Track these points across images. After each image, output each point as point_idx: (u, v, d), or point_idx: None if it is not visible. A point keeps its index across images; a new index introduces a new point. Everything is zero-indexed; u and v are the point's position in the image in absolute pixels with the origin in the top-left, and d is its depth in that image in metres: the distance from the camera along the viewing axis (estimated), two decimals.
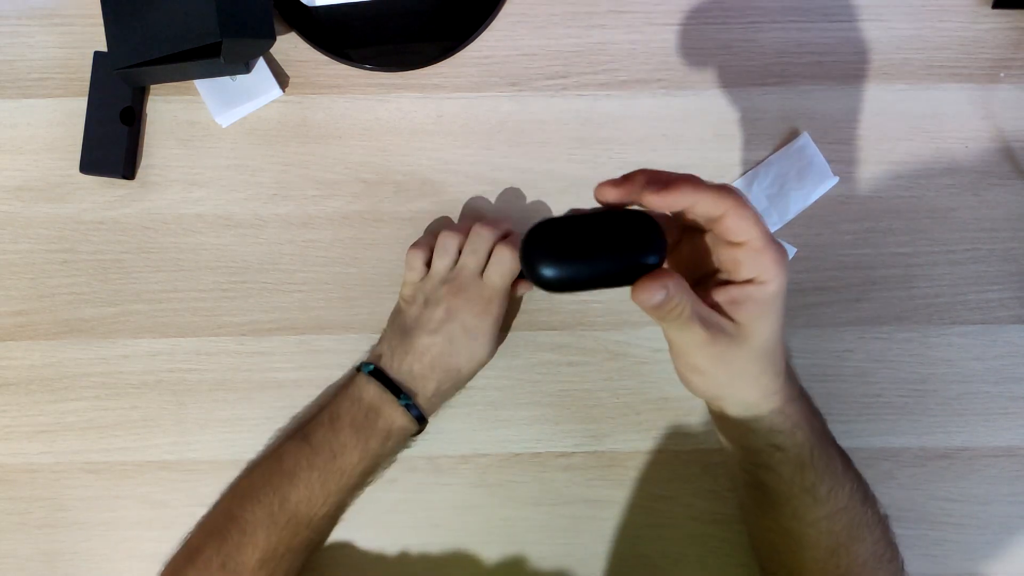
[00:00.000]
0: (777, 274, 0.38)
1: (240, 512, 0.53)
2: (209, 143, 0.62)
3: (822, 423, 0.48)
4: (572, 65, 0.62)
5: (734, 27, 0.62)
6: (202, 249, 0.61)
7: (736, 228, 0.37)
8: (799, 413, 0.45)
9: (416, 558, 0.58)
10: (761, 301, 0.38)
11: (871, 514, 0.48)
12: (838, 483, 0.47)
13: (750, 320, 0.39)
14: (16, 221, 0.61)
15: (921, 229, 0.61)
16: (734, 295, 0.39)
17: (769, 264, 0.38)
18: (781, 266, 0.38)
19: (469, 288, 0.55)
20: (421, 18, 0.63)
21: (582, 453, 0.59)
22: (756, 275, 0.38)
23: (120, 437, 0.59)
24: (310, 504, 0.53)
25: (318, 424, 0.55)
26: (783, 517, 0.48)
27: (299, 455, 0.54)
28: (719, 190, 0.37)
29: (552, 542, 0.58)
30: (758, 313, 0.39)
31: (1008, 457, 0.59)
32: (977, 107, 0.61)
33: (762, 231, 0.37)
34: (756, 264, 0.38)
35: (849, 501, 0.47)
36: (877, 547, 0.48)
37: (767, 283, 0.38)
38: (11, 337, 0.60)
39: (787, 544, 0.49)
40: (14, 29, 0.62)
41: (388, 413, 0.54)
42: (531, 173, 0.61)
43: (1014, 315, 0.60)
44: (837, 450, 0.48)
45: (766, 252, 0.37)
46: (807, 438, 0.45)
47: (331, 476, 0.53)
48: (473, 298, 0.55)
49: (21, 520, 0.59)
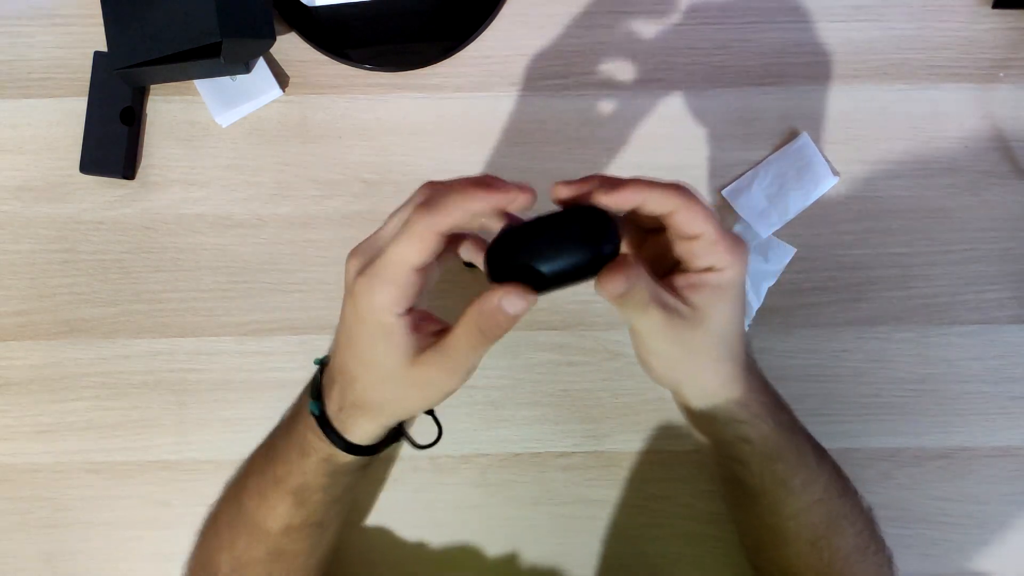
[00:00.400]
0: (732, 262, 0.39)
1: (217, 512, 0.52)
2: (209, 143, 0.62)
3: (791, 416, 0.48)
4: (572, 65, 0.62)
5: (733, 27, 0.62)
6: (202, 249, 0.61)
7: (688, 223, 0.38)
8: (761, 405, 0.46)
9: (416, 557, 0.59)
10: (717, 287, 0.40)
11: (850, 506, 0.49)
12: (811, 475, 0.47)
13: (707, 304, 0.40)
14: (16, 221, 0.61)
15: (920, 229, 0.61)
16: (692, 280, 0.40)
17: (723, 253, 0.39)
18: (736, 255, 0.40)
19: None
20: (421, 18, 0.63)
21: (582, 453, 0.59)
22: (712, 264, 0.40)
23: (121, 437, 0.59)
24: (260, 511, 0.48)
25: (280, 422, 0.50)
26: (762, 512, 0.49)
27: (256, 455, 0.51)
28: (667, 187, 0.38)
29: (552, 541, 0.59)
30: (715, 298, 0.40)
31: (1006, 457, 0.59)
32: (977, 107, 0.62)
33: (714, 224, 0.39)
34: (711, 255, 0.39)
35: (825, 493, 0.48)
36: (860, 539, 0.49)
37: (723, 270, 0.39)
38: (11, 337, 0.60)
39: (770, 539, 0.50)
40: (14, 29, 0.62)
41: (303, 419, 0.46)
42: (531, 173, 0.61)
43: (1012, 315, 0.60)
44: (810, 443, 0.49)
45: (720, 243, 0.39)
46: (772, 430, 0.46)
47: (268, 483, 0.47)
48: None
49: (22, 520, 0.59)
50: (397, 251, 0.38)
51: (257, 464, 0.50)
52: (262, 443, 0.51)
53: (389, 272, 0.38)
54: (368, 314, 0.39)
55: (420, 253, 0.37)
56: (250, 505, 0.48)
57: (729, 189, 0.61)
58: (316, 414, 0.44)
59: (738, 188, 0.60)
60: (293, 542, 0.49)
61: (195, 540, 0.53)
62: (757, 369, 0.47)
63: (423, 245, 0.37)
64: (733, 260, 0.39)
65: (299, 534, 0.48)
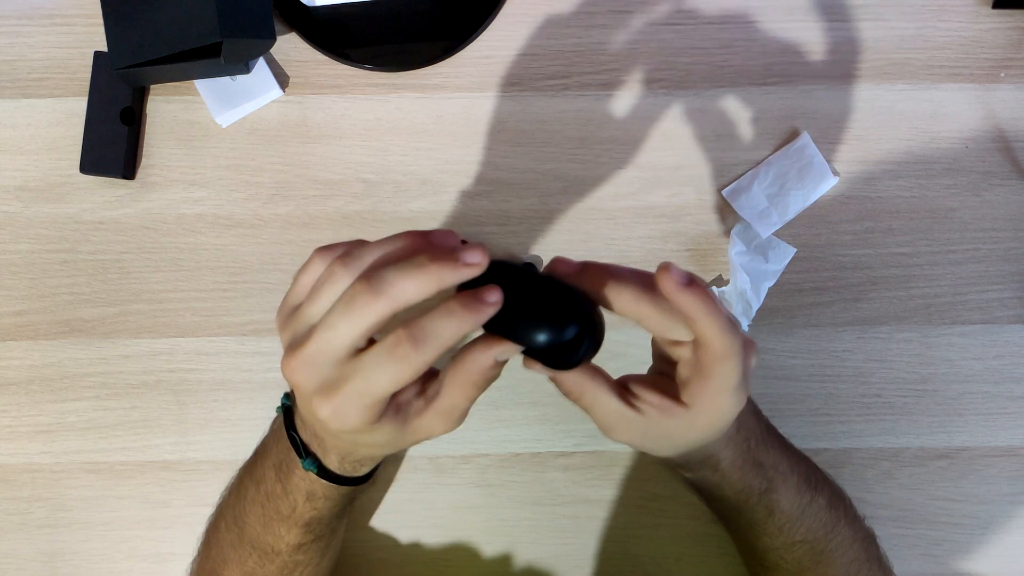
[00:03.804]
0: (735, 367, 0.37)
1: (217, 534, 0.51)
2: (209, 143, 0.62)
3: (768, 465, 0.46)
4: (573, 65, 0.62)
5: (734, 27, 0.62)
6: (202, 249, 0.61)
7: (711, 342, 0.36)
8: (732, 464, 0.44)
9: (416, 557, 0.59)
10: (721, 388, 0.38)
11: (841, 539, 0.48)
12: (791, 521, 0.46)
13: (703, 400, 0.38)
14: (16, 221, 0.61)
15: (921, 229, 0.61)
16: (693, 388, 0.38)
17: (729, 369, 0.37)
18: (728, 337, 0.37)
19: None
20: (421, 18, 0.63)
21: (582, 453, 0.59)
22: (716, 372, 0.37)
23: (120, 437, 0.59)
24: (267, 537, 0.47)
25: (256, 455, 0.49)
26: (741, 541, 0.49)
27: (245, 486, 0.49)
28: (728, 325, 0.36)
29: (552, 541, 0.59)
30: (717, 394, 0.38)
31: (1008, 457, 0.59)
32: (977, 107, 0.61)
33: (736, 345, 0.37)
34: (712, 370, 0.37)
35: (808, 535, 0.47)
36: (850, 568, 0.48)
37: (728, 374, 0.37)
38: (11, 337, 0.60)
39: (755, 561, 0.50)
40: (14, 29, 0.62)
41: (299, 474, 0.44)
42: (532, 173, 0.61)
43: (1014, 315, 0.60)
44: (799, 485, 0.47)
45: (731, 358, 0.37)
46: (740, 492, 0.45)
47: (273, 518, 0.46)
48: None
49: (21, 520, 0.59)
50: (376, 381, 0.34)
51: (250, 493, 0.48)
52: (247, 475, 0.49)
53: (365, 401, 0.35)
54: (345, 432, 0.37)
55: (402, 383, 0.34)
56: (256, 530, 0.47)
57: (729, 189, 0.61)
58: (315, 471, 0.43)
59: (738, 188, 0.60)
60: (305, 554, 0.48)
61: (196, 558, 0.52)
62: (740, 419, 0.44)
63: (409, 378, 0.34)
64: (735, 366, 0.37)
65: (311, 547, 0.48)
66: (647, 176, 0.61)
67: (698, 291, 0.35)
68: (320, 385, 0.35)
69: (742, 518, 0.47)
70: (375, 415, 0.36)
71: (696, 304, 0.35)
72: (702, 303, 0.35)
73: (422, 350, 0.33)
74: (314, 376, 0.35)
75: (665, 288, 0.35)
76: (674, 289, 0.35)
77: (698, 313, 0.35)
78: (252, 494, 0.47)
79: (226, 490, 0.51)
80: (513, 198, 0.61)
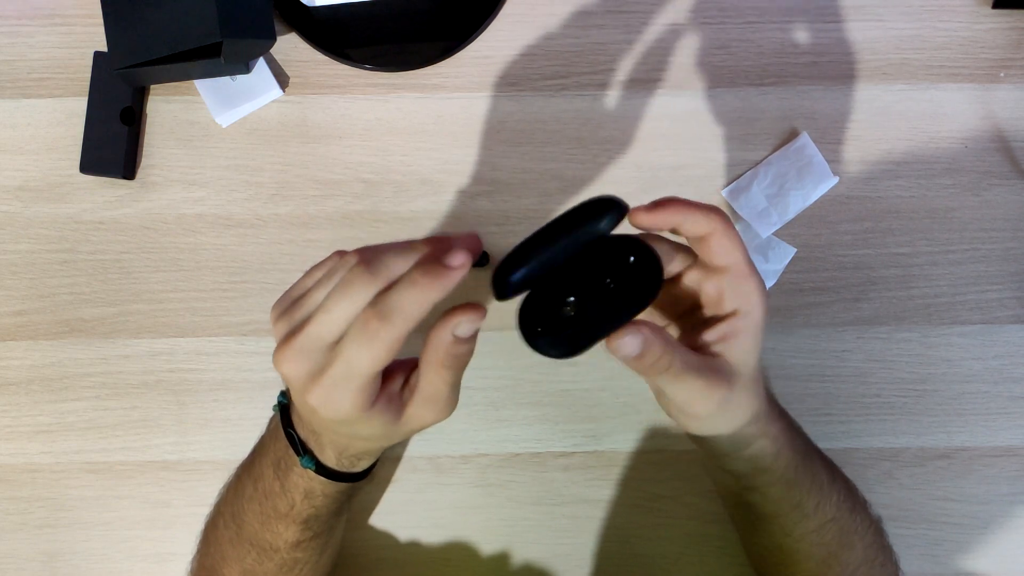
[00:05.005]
0: (759, 302, 0.38)
1: (215, 532, 0.51)
2: (209, 143, 0.62)
3: (804, 438, 0.48)
4: (572, 65, 0.62)
5: (733, 27, 0.62)
6: (202, 249, 0.61)
7: (722, 249, 0.38)
8: (782, 432, 0.45)
9: (416, 557, 0.59)
10: (750, 332, 0.39)
11: (860, 521, 0.48)
12: (824, 496, 0.47)
13: (740, 354, 0.39)
14: (16, 221, 0.61)
15: (921, 229, 0.61)
16: (724, 331, 0.38)
17: (752, 291, 0.38)
18: (763, 294, 0.39)
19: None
20: (421, 18, 0.63)
21: (582, 453, 0.59)
22: (739, 305, 0.38)
23: (120, 437, 0.59)
24: (266, 534, 0.48)
25: (254, 453, 0.49)
26: (773, 534, 0.48)
27: (243, 484, 0.49)
28: (708, 209, 0.37)
29: (552, 541, 0.59)
30: (748, 345, 0.39)
31: (1008, 457, 0.59)
32: (977, 107, 0.61)
33: (746, 256, 0.38)
34: (740, 292, 0.38)
35: (837, 512, 0.47)
36: (868, 552, 0.49)
37: (751, 312, 0.38)
38: (11, 337, 0.60)
39: (780, 558, 0.49)
40: (14, 29, 0.62)
41: (297, 472, 0.45)
42: (531, 173, 0.61)
43: (1013, 315, 0.60)
44: (823, 462, 0.48)
45: (750, 279, 0.38)
46: (791, 457, 0.45)
47: (271, 516, 0.47)
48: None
49: (21, 520, 0.59)
50: (355, 361, 0.34)
51: (248, 491, 0.48)
52: (246, 473, 0.49)
53: (351, 384, 0.35)
54: (336, 419, 0.37)
55: (381, 361, 0.34)
56: (254, 527, 0.48)
57: (729, 189, 0.61)
58: (313, 468, 0.43)
59: (738, 188, 0.60)
60: (303, 552, 0.49)
61: (195, 555, 0.52)
62: (771, 394, 0.46)
63: (385, 355, 0.34)
64: (760, 300, 0.38)
65: (309, 544, 0.48)
66: (646, 176, 0.61)
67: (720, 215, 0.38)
68: (308, 373, 0.36)
69: (790, 501, 0.46)
70: (365, 400, 0.36)
71: (716, 223, 0.37)
72: (721, 224, 0.38)
73: (390, 324, 0.33)
74: (303, 364, 0.36)
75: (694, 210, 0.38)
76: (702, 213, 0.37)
77: (719, 234, 0.38)
78: (250, 492, 0.47)
79: (224, 488, 0.52)
80: (512, 198, 0.61)
